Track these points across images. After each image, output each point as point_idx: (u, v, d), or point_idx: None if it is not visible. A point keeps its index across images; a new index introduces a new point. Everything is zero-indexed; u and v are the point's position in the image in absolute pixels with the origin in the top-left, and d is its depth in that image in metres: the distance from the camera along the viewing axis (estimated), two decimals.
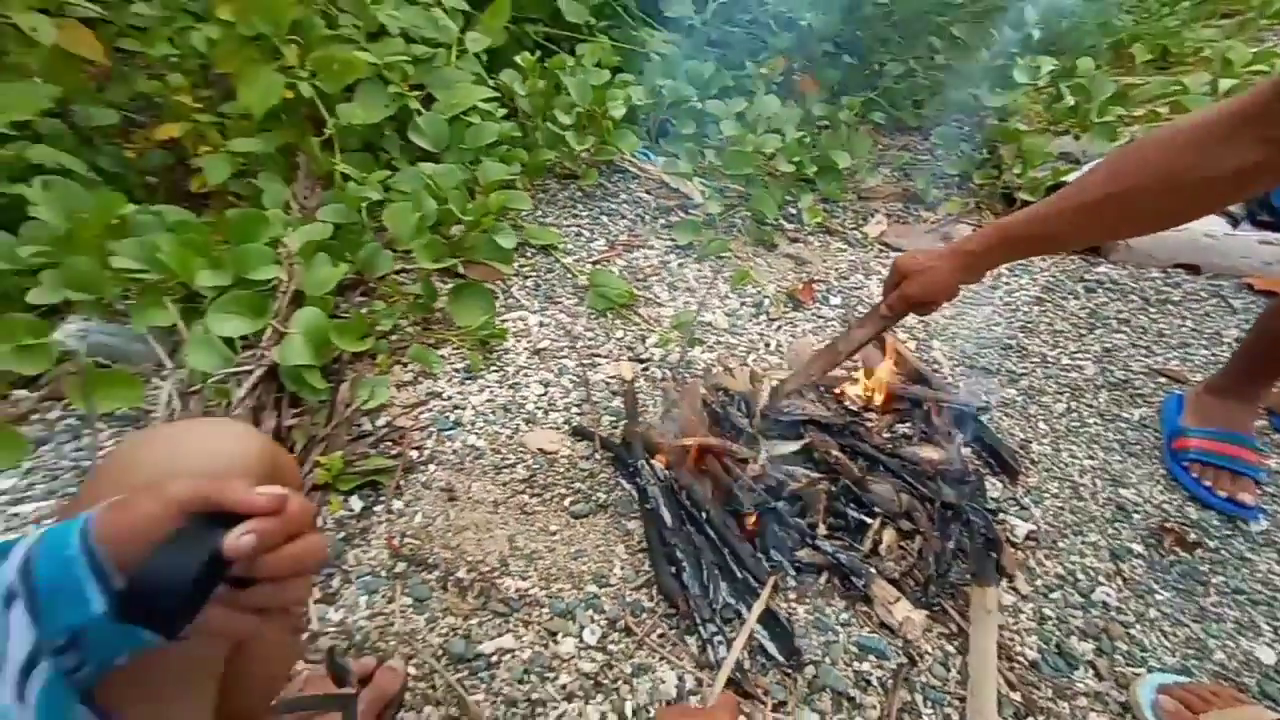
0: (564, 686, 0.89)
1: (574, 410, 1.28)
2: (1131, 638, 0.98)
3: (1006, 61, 2.28)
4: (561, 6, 1.99)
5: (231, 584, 0.40)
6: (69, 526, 0.39)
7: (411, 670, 0.91)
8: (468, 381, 1.32)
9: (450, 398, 1.29)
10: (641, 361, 1.39)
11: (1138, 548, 1.10)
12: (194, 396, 1.19)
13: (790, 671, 0.90)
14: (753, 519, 1.04)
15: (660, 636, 0.95)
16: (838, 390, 1.28)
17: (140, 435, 0.52)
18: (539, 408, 1.29)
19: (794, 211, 1.88)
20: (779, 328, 1.51)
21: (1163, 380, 1.42)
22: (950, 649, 0.94)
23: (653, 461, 1.13)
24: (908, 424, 1.25)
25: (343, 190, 1.47)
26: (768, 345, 1.46)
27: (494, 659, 0.92)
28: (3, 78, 1.29)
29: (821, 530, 1.04)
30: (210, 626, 0.40)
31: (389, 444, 1.19)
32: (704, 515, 1.04)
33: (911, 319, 1.52)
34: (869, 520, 1.05)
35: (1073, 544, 1.10)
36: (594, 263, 1.63)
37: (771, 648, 0.91)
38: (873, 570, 0.99)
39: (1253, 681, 0.94)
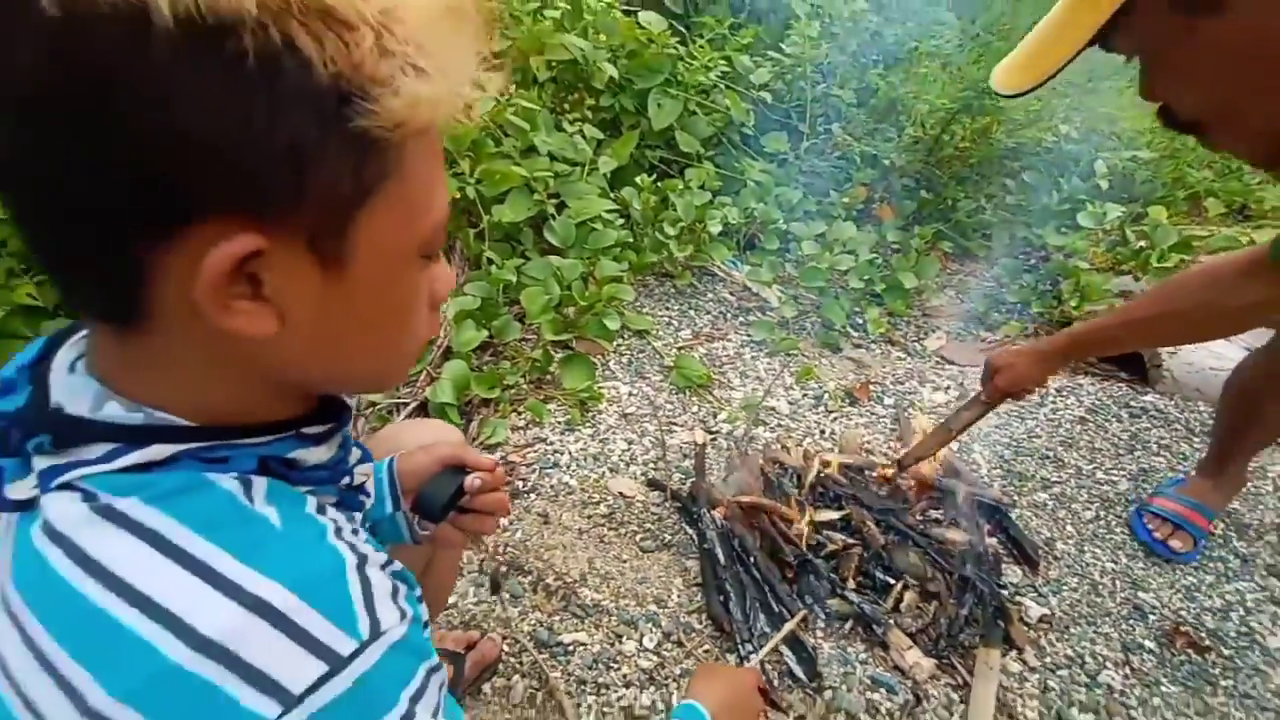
0: (624, 676, 1.10)
1: (650, 465, 1.53)
2: (1131, 718, 1.08)
3: (1074, 206, 2.50)
4: (678, 138, 2.41)
5: (458, 511, 0.69)
6: (381, 463, 0.69)
7: (505, 647, 1.14)
8: (567, 433, 1.61)
9: (552, 444, 1.57)
10: (711, 433, 1.64)
11: (1150, 644, 1.20)
12: (361, 418, 1.53)
13: (811, 693, 1.07)
14: (793, 568, 1.23)
15: (705, 651, 1.15)
16: (878, 475, 1.47)
17: (397, 425, 0.84)
18: (622, 460, 1.55)
19: (860, 321, 2.13)
20: (835, 419, 1.72)
21: None
22: (955, 697, 1.08)
23: (713, 513, 1.35)
24: (940, 510, 1.42)
25: (488, 272, 1.85)
26: (822, 432, 1.67)
27: (570, 648, 1.14)
28: None
29: (851, 585, 1.22)
30: (441, 533, 0.69)
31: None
32: (752, 559, 1.25)
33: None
34: (893, 582, 1.22)
35: (1085, 631, 1.22)
36: (679, 348, 1.92)
37: (797, 670, 1.09)
38: (891, 622, 1.16)
39: None
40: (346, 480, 0.48)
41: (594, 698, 1.07)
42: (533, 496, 1.44)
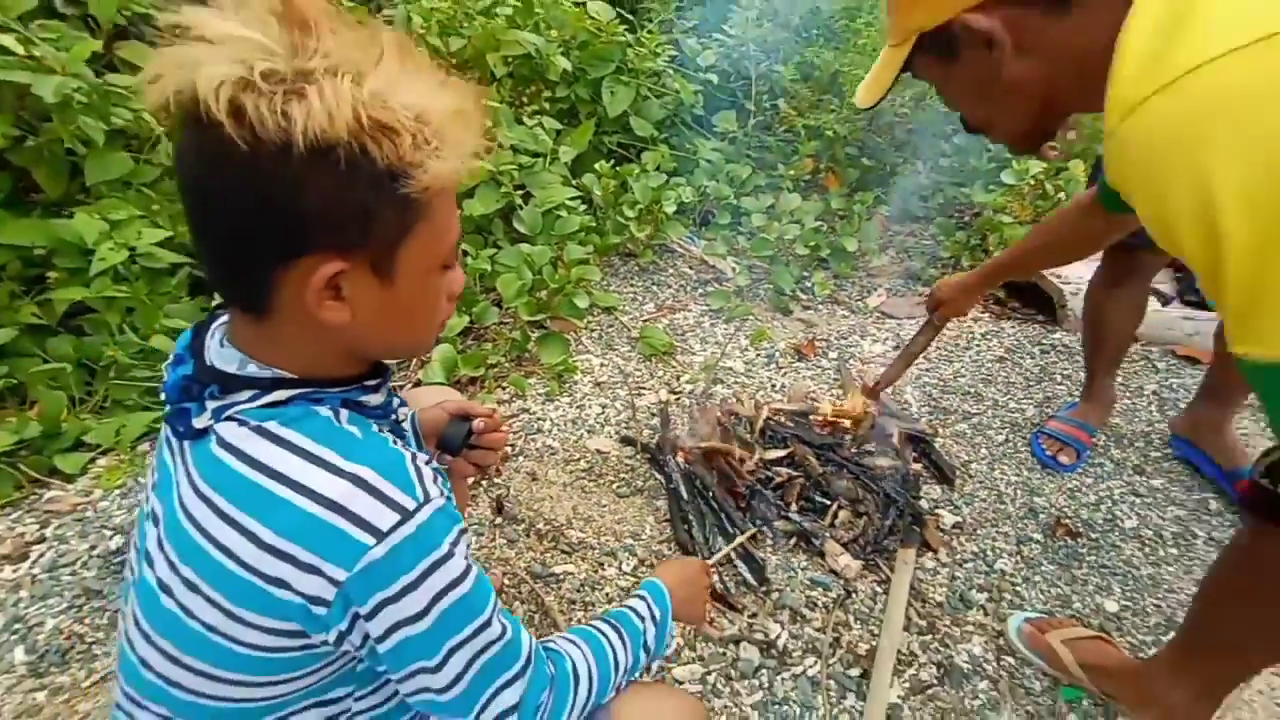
0: (607, 595, 1.32)
1: (622, 425, 1.75)
2: (1016, 592, 1.34)
3: (1001, 164, 2.71)
4: (633, 123, 2.58)
5: (469, 448, 0.89)
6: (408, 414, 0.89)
7: (506, 581, 1.36)
8: (547, 402, 1.81)
9: (535, 412, 1.78)
10: (675, 393, 1.85)
11: (1038, 536, 1.46)
12: None
13: (761, 594, 1.30)
14: (745, 498, 1.46)
15: None
16: (817, 417, 1.70)
17: (414, 391, 1.05)
18: (598, 422, 1.76)
19: (809, 285, 2.34)
20: (785, 374, 1.94)
21: None
22: (878, 589, 1.32)
23: (676, 459, 1.57)
24: (873, 444, 1.65)
25: (464, 263, 2.03)
26: (774, 386, 1.89)
27: (561, 577, 1.36)
28: None
29: (794, 508, 1.45)
30: (456, 465, 0.91)
31: None
32: (710, 493, 1.47)
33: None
34: (829, 504, 1.45)
35: (989, 532, 1.46)
36: (644, 321, 2.12)
37: (750, 578, 1.32)
38: (828, 535, 1.39)
39: (1096, 623, 1.27)
40: (394, 417, 0.69)
41: (582, 613, 1.29)
42: (521, 459, 1.65)
